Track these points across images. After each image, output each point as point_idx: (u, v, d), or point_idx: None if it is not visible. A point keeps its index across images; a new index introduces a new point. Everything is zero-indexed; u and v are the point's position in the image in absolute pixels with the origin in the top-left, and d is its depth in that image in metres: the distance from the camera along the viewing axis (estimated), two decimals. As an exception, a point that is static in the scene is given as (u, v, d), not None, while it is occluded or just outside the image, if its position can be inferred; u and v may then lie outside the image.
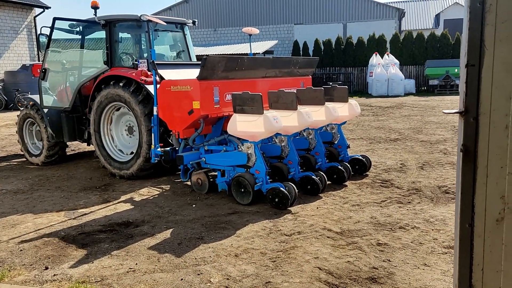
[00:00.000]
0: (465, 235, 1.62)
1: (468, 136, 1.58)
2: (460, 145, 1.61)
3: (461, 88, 1.62)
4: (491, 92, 1.51)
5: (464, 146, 1.59)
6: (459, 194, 1.64)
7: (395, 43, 24.54)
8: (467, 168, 1.59)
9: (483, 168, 1.56)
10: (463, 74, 1.60)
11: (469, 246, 1.62)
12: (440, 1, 42.62)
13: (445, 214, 4.80)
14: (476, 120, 1.56)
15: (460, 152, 1.61)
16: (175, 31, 7.67)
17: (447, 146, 8.47)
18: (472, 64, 1.54)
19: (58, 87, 7.65)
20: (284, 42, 29.16)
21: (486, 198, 1.57)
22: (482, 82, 1.53)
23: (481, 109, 1.54)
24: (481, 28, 1.51)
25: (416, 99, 19.18)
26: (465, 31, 1.58)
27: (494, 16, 1.49)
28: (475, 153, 1.56)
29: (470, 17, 1.52)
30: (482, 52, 1.52)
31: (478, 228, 1.60)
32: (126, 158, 6.84)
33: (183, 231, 4.50)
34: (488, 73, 1.52)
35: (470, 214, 1.61)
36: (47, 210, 5.36)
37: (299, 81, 6.94)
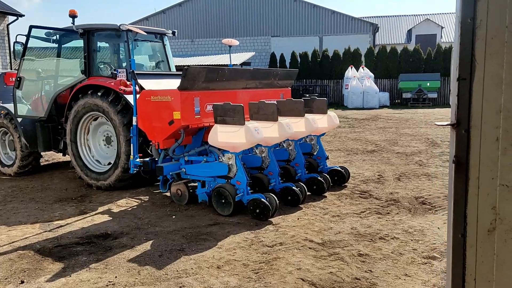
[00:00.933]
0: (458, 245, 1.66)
1: (460, 148, 1.63)
2: (452, 156, 1.66)
3: (453, 101, 1.68)
4: (482, 105, 1.57)
5: (456, 158, 1.63)
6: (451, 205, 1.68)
7: (369, 56, 25.11)
8: (459, 179, 1.63)
9: (474, 179, 1.60)
10: (454, 88, 1.66)
11: (461, 256, 1.65)
12: (412, 17, 43.90)
13: (423, 225, 4.89)
14: (467, 132, 1.61)
15: (452, 164, 1.65)
16: (155, 41, 7.62)
17: (422, 158, 8.67)
18: (463, 77, 1.60)
19: (33, 96, 7.48)
20: (261, 54, 29.40)
21: (478, 209, 1.61)
22: (473, 96, 1.59)
23: (472, 121, 1.59)
24: (472, 43, 1.56)
25: (391, 112, 19.60)
26: (456, 45, 1.64)
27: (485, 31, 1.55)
28: (467, 164, 1.61)
29: (461, 32, 1.58)
30: (473, 66, 1.57)
31: (471, 239, 1.64)
32: (103, 168, 6.71)
33: (164, 243, 4.43)
34: (479, 87, 1.57)
35: (463, 225, 1.65)
36: (21, 222, 5.19)
37: (279, 93, 7.00)
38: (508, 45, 1.50)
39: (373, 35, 29.15)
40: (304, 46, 27.23)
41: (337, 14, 29.14)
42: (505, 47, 1.51)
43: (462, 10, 1.57)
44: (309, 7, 29.45)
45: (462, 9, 1.56)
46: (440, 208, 5.46)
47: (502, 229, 1.58)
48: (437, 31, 37.87)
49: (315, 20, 29.27)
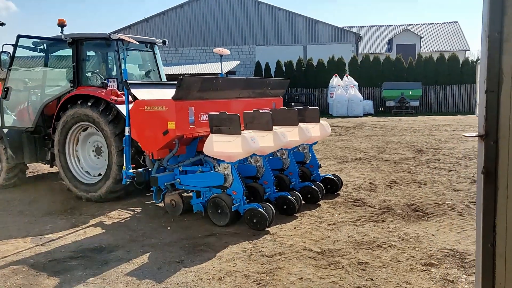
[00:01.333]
0: (488, 255, 1.67)
1: (489, 158, 1.65)
2: (481, 167, 1.67)
3: (481, 113, 1.70)
4: (509, 117, 1.59)
5: (485, 168, 1.65)
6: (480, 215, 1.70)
7: (353, 65, 25.45)
8: (488, 189, 1.65)
9: (503, 189, 1.62)
10: (482, 100, 1.68)
11: (491, 266, 1.66)
12: (392, 28, 44.76)
13: (418, 232, 4.93)
14: (496, 143, 1.63)
15: (481, 174, 1.67)
16: (145, 51, 7.57)
17: (410, 165, 8.78)
18: (491, 90, 1.62)
19: (20, 106, 7.32)
20: (246, 62, 29.50)
21: (507, 219, 1.63)
22: (501, 107, 1.61)
23: (500, 132, 1.62)
24: (499, 56, 1.59)
25: (375, 120, 19.85)
26: (483, 59, 1.66)
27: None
28: (496, 175, 1.63)
29: (489, 46, 1.61)
30: (501, 79, 1.60)
31: (500, 248, 1.65)
32: (93, 180, 6.59)
33: (161, 255, 4.36)
34: (507, 99, 1.60)
35: (492, 234, 1.67)
36: (11, 236, 5.04)
37: (271, 102, 7.01)
38: (536, 59, 1.53)
39: (356, 44, 29.59)
40: (288, 55, 27.44)
41: (321, 24, 29.50)
42: (533, 60, 1.54)
43: (489, 24, 1.60)
44: (293, 17, 29.75)
45: (490, 23, 1.59)
46: (433, 214, 5.53)
47: (531, 238, 1.60)
48: (416, 41, 38.73)
49: (299, 30, 29.58)
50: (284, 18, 29.71)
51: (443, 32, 41.23)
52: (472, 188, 6.80)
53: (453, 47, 37.49)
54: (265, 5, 29.97)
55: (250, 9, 30.03)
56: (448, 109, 24.53)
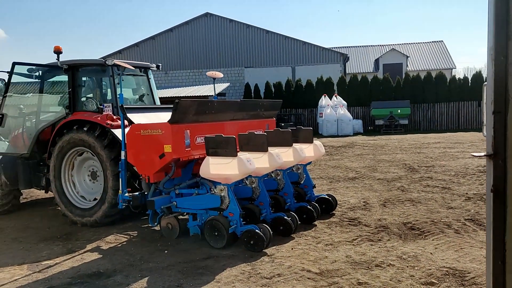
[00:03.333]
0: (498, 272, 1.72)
1: (498, 177, 1.72)
2: (490, 186, 1.75)
3: (489, 133, 1.78)
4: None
5: (494, 187, 1.72)
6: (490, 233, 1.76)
7: (341, 85, 25.84)
8: (498, 207, 1.72)
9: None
10: (490, 120, 1.76)
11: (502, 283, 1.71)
12: (379, 47, 45.65)
13: (416, 251, 4.98)
14: (504, 162, 1.72)
15: (491, 193, 1.74)
16: (139, 75, 7.66)
17: (403, 183, 8.88)
18: (498, 111, 1.72)
19: (15, 133, 7.32)
20: (235, 84, 29.77)
21: (517, 236, 1.69)
22: (508, 127, 1.70)
23: (508, 152, 1.70)
24: (505, 79, 1.69)
25: (365, 139, 20.06)
26: (490, 81, 1.76)
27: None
28: (505, 193, 1.71)
29: (495, 70, 1.71)
30: (507, 101, 1.70)
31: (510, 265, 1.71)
32: (89, 204, 6.57)
33: (160, 279, 4.35)
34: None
35: (502, 251, 1.73)
36: (7, 263, 4.98)
37: (265, 123, 7.10)
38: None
39: (343, 64, 30.11)
40: (277, 76, 27.79)
41: (308, 45, 30.02)
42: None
43: (495, 48, 1.70)
44: (281, 39, 30.26)
45: (495, 47, 1.70)
46: (429, 233, 5.59)
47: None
48: (402, 60, 39.51)
49: (287, 51, 30.04)
50: (272, 40, 30.20)
51: (429, 51, 42.17)
52: (466, 205, 6.90)
53: (439, 66, 38.31)
54: (253, 27, 30.48)
55: (239, 32, 30.50)
56: (437, 127, 24.92)
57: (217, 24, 30.74)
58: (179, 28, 31.35)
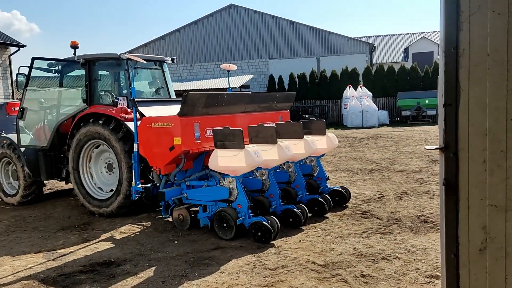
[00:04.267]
0: (451, 264, 1.70)
1: (449, 170, 1.69)
2: (442, 179, 1.71)
3: (440, 126, 1.75)
4: (468, 129, 1.64)
5: (446, 180, 1.69)
6: (443, 226, 1.73)
7: (367, 76, 25.38)
8: (450, 200, 1.69)
9: (464, 200, 1.66)
10: (441, 113, 1.73)
11: (455, 275, 1.69)
12: (408, 36, 44.55)
13: (426, 244, 4.90)
14: (455, 155, 1.68)
15: (443, 186, 1.71)
16: (154, 68, 7.77)
17: (423, 176, 8.70)
18: (449, 103, 1.67)
19: (36, 126, 7.58)
20: (260, 76, 29.72)
21: (469, 229, 1.66)
22: (459, 120, 1.66)
23: (460, 145, 1.66)
24: (456, 71, 1.65)
25: (390, 130, 19.69)
26: (441, 73, 1.72)
27: (467, 60, 1.63)
28: (457, 186, 1.67)
29: (445, 61, 1.66)
30: (458, 93, 1.65)
31: (463, 258, 1.68)
32: (105, 195, 6.76)
33: (167, 269, 4.44)
34: (465, 112, 1.65)
35: (455, 245, 1.70)
36: (24, 251, 5.21)
37: (278, 115, 7.09)
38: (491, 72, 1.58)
39: (370, 54, 29.54)
40: (302, 68, 27.56)
41: (334, 35, 29.60)
42: (488, 74, 1.58)
43: (445, 39, 1.65)
44: (306, 29, 29.94)
45: (445, 39, 1.65)
46: (442, 226, 5.47)
47: (493, 248, 1.63)
48: (433, 48, 38.37)
49: (312, 42, 29.72)
50: (297, 30, 29.93)
51: (460, 40, 40.78)
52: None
53: (470, 55, 36.97)
54: (278, 18, 30.27)
55: (263, 23, 30.37)
56: (466, 118, 24.13)
57: (241, 16, 30.70)
58: (203, 20, 31.49)
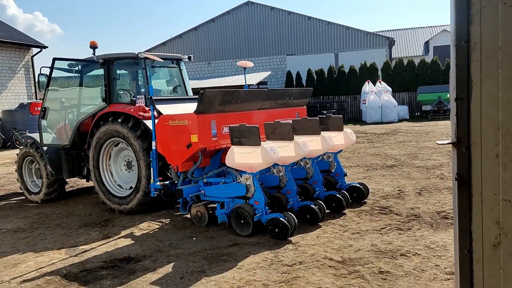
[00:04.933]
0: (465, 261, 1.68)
1: (462, 165, 1.67)
2: (455, 174, 1.69)
3: (452, 121, 1.72)
4: (480, 124, 1.61)
5: (459, 175, 1.67)
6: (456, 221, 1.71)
7: (386, 70, 25.07)
8: (463, 196, 1.67)
9: (477, 195, 1.64)
10: (453, 107, 1.70)
11: (469, 271, 1.67)
12: (429, 29, 43.79)
13: (446, 240, 4.83)
14: (468, 150, 1.65)
15: (455, 181, 1.69)
16: (172, 67, 7.85)
17: (444, 171, 8.56)
18: (461, 98, 1.65)
19: (58, 125, 7.75)
20: (277, 72, 29.67)
21: (483, 224, 1.64)
22: (471, 115, 1.63)
23: (472, 139, 1.64)
24: (467, 64, 1.62)
25: (410, 125, 19.42)
26: (452, 67, 1.69)
27: (479, 53, 1.61)
28: (469, 181, 1.65)
29: (456, 55, 1.64)
30: (470, 87, 1.63)
31: (477, 254, 1.66)
32: (125, 193, 6.87)
33: (185, 265, 4.50)
34: (477, 106, 1.62)
35: (468, 240, 1.68)
36: (47, 248, 5.34)
37: (294, 112, 7.08)
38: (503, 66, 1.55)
39: (389, 48, 29.13)
40: (319, 63, 27.40)
41: (352, 30, 29.29)
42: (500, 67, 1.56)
43: (456, 33, 1.63)
44: (324, 24, 29.71)
45: (456, 32, 1.63)
46: (462, 222, 5.38)
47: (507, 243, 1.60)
48: (454, 41, 37.55)
49: (330, 37, 29.47)
50: (314, 26, 29.72)
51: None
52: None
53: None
54: (295, 14, 30.12)
55: (280, 19, 30.26)
56: (489, 111, 23.61)
57: (258, 13, 30.65)
58: (220, 18, 31.57)
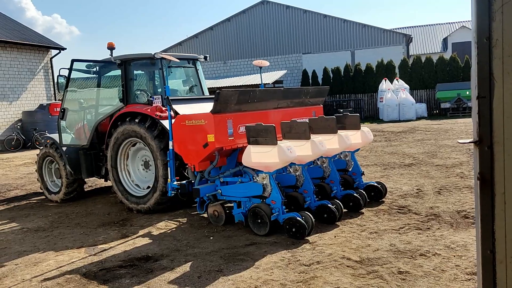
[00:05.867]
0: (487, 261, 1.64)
1: (484, 164, 1.62)
2: (477, 173, 1.65)
3: (474, 119, 1.68)
4: (503, 122, 1.57)
5: (481, 175, 1.63)
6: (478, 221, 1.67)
7: (404, 68, 24.75)
8: (485, 195, 1.63)
9: (500, 195, 1.59)
10: (475, 105, 1.66)
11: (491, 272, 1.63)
12: (447, 25, 43.09)
13: (466, 240, 4.74)
14: (490, 148, 1.61)
15: (477, 180, 1.65)
16: (188, 67, 7.88)
17: (464, 170, 8.41)
18: (482, 96, 1.61)
19: (76, 126, 7.87)
20: (293, 71, 29.58)
21: (506, 224, 1.60)
22: (494, 113, 1.59)
23: (494, 138, 1.59)
24: (489, 61, 1.58)
25: (429, 123, 19.14)
26: (474, 65, 1.65)
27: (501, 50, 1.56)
28: (492, 180, 1.60)
29: (478, 52, 1.59)
30: (492, 84, 1.58)
31: (500, 254, 1.61)
32: (142, 192, 6.93)
33: (202, 264, 4.51)
34: (499, 104, 1.58)
35: (491, 241, 1.64)
36: (67, 247, 5.42)
37: (311, 111, 7.04)
38: (525, 63, 1.50)
39: (406, 46, 28.74)
40: (336, 61, 27.20)
41: (368, 27, 28.99)
42: (522, 65, 1.51)
43: (477, 30, 1.59)
44: (340, 22, 29.49)
45: (477, 29, 1.58)
46: (484, 221, 5.27)
47: (531, 243, 1.55)
48: (473, 37, 36.86)
49: (346, 35, 29.24)
50: (330, 24, 29.51)
51: (502, 27, 39.02)
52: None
53: (514, 42, 35.32)
54: (311, 12, 29.96)
55: (296, 18, 30.14)
56: (510, 108, 23.09)
57: (274, 11, 30.58)
58: (236, 17, 31.61)
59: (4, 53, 19.56)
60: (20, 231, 6.33)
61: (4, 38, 19.28)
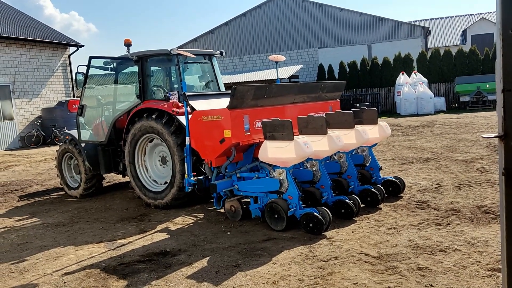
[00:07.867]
0: None
1: (510, 159, 1.57)
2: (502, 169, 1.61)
3: (499, 113, 1.63)
4: None
5: (506, 170, 1.58)
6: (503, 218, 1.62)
7: (422, 61, 24.34)
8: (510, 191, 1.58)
9: (526, 190, 1.55)
10: (500, 99, 1.61)
11: None
12: (466, 17, 42.22)
13: (487, 235, 4.65)
14: None
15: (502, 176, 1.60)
16: (204, 62, 7.89)
17: (484, 164, 8.25)
18: (508, 89, 1.56)
19: (95, 122, 7.97)
20: (309, 66, 29.37)
21: (531, 221, 1.55)
22: None
23: None
24: None
25: (448, 117, 18.82)
26: (499, 57, 1.60)
27: None
28: None
29: (503, 44, 1.54)
30: None
31: None
32: (160, 188, 6.99)
33: (220, 259, 4.53)
34: None
35: None
36: (87, 241, 5.51)
37: (327, 105, 6.98)
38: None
39: (424, 38, 28.23)
40: (352, 55, 26.92)
41: (385, 20, 28.57)
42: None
43: (502, 21, 1.53)
44: (356, 16, 29.13)
45: (503, 21, 1.53)
46: (505, 217, 5.16)
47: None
48: (493, 30, 36.00)
49: (362, 28, 28.87)
50: (347, 18, 29.18)
51: (524, 18, 38.07)
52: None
53: (536, 34, 34.42)
54: (326, 6, 29.65)
55: (311, 12, 29.88)
56: (532, 101, 22.53)
57: (289, 6, 30.37)
58: (251, 12, 31.50)
59: (23, 51, 19.91)
60: (41, 226, 6.45)
61: (23, 36, 19.61)
